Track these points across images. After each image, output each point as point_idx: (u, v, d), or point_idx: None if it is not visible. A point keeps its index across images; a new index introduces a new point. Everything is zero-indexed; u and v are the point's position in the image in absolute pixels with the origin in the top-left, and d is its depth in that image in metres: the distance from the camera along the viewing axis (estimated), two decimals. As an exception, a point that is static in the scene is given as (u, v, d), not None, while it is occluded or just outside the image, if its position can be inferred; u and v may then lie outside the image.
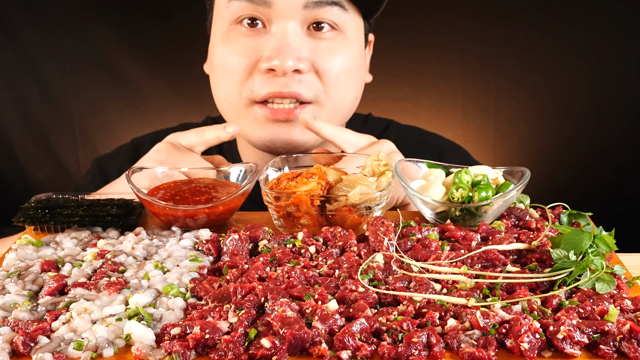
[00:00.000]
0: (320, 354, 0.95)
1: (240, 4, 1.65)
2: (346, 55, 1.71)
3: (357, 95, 1.81)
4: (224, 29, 1.71)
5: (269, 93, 1.65)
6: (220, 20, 1.72)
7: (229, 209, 1.45)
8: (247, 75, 1.68)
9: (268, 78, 1.65)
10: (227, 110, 1.77)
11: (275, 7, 1.62)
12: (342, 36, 1.70)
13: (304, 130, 1.69)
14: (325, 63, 1.68)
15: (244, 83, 1.69)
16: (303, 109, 1.68)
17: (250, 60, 1.67)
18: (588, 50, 2.77)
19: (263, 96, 1.66)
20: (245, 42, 1.68)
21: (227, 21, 1.70)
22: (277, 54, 1.62)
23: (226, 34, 1.70)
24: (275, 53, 1.62)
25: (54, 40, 2.77)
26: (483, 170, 1.44)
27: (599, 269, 1.11)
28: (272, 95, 1.66)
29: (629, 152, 2.83)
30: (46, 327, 1.02)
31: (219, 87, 1.75)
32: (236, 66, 1.68)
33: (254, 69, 1.67)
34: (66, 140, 2.90)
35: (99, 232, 1.42)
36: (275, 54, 1.62)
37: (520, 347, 0.94)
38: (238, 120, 1.75)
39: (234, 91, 1.71)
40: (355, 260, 1.20)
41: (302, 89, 1.66)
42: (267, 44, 1.65)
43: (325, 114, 1.72)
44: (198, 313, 1.05)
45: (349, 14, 1.69)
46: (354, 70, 1.74)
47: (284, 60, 1.60)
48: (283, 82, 1.64)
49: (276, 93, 1.65)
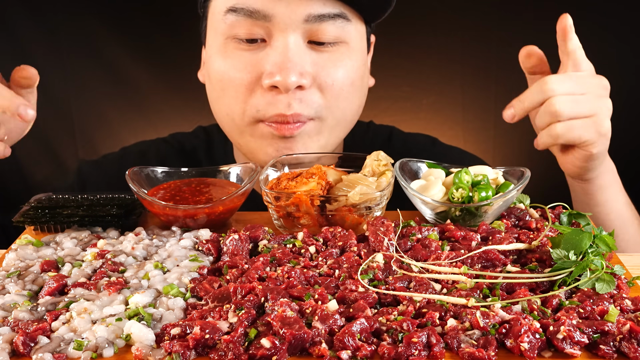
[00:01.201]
0: (320, 354, 0.95)
1: (237, 18, 1.58)
2: (349, 66, 1.65)
3: (360, 105, 1.76)
4: (220, 41, 1.63)
5: (274, 115, 1.60)
6: (216, 31, 1.64)
7: (229, 209, 1.45)
8: (250, 92, 1.62)
9: (272, 97, 1.59)
10: (229, 125, 1.71)
11: (275, 21, 1.56)
12: (345, 46, 1.64)
13: (305, 145, 1.66)
14: (327, 77, 1.62)
15: (246, 100, 1.63)
16: (304, 125, 1.63)
17: (252, 76, 1.61)
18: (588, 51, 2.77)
19: (269, 117, 1.61)
20: (245, 57, 1.61)
21: (223, 34, 1.62)
22: (280, 69, 1.55)
23: (223, 47, 1.63)
24: (277, 69, 1.56)
25: (54, 40, 2.77)
26: (483, 170, 1.44)
27: (599, 269, 1.11)
28: (277, 117, 1.61)
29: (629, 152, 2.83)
30: (46, 327, 1.02)
31: (220, 102, 1.69)
32: (237, 82, 1.62)
33: (256, 85, 1.61)
34: (66, 140, 2.89)
35: (99, 232, 1.42)
36: (277, 70, 1.56)
37: (520, 347, 0.94)
38: (242, 137, 1.70)
39: (237, 109, 1.65)
40: (355, 260, 1.20)
41: (303, 109, 1.60)
42: (267, 58, 1.58)
43: (327, 126, 1.68)
44: (198, 313, 1.05)
45: (352, 24, 1.63)
46: (357, 81, 1.69)
47: (286, 76, 1.54)
48: (286, 102, 1.58)
49: (281, 115, 1.60)
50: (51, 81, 2.84)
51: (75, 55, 2.80)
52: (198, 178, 1.57)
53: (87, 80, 2.85)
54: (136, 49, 2.85)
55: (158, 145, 2.05)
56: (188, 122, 2.72)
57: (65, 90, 2.84)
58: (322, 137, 1.69)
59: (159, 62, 2.88)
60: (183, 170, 1.58)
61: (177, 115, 2.88)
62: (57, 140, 2.90)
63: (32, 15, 2.71)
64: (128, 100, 2.92)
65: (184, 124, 2.66)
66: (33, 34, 2.73)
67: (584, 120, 1.40)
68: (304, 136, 1.65)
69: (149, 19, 2.83)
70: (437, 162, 1.53)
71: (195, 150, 2.01)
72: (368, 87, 1.82)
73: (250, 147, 1.71)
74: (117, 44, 2.82)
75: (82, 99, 2.86)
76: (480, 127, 2.91)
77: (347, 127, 1.78)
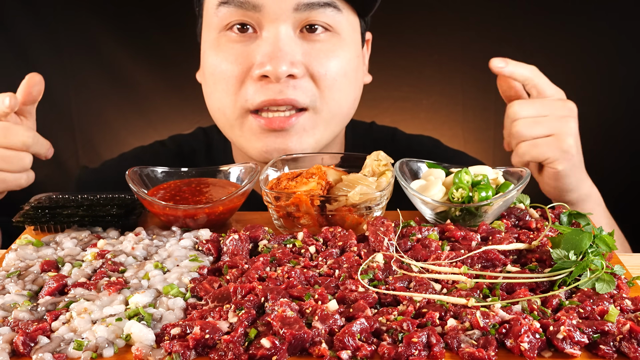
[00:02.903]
0: (320, 354, 0.95)
1: (229, 9, 1.60)
2: (342, 57, 1.65)
3: (355, 98, 1.76)
4: (214, 36, 1.65)
5: (263, 101, 1.59)
6: (210, 27, 1.66)
7: (229, 209, 1.45)
8: (240, 84, 1.62)
9: (261, 85, 1.59)
10: (221, 120, 1.72)
11: (265, 11, 1.57)
12: (337, 37, 1.64)
13: (300, 138, 1.65)
14: (320, 67, 1.62)
15: (237, 92, 1.63)
16: (299, 117, 1.63)
17: (243, 68, 1.61)
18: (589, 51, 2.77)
19: (257, 104, 1.60)
20: (236, 49, 1.62)
21: (216, 28, 1.64)
22: (270, 59, 1.56)
23: (216, 41, 1.65)
24: (268, 58, 1.56)
25: (54, 41, 2.77)
26: (483, 170, 1.44)
27: (599, 269, 1.11)
28: (266, 103, 1.60)
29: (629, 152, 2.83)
30: (46, 327, 1.02)
31: (212, 97, 1.70)
32: (228, 74, 1.62)
33: (247, 77, 1.62)
34: (66, 140, 2.89)
35: (99, 232, 1.42)
36: (268, 60, 1.56)
37: (520, 347, 0.94)
38: (232, 131, 1.70)
39: (227, 101, 1.65)
40: (355, 260, 1.20)
41: (298, 95, 1.60)
42: (258, 49, 1.59)
43: (323, 119, 1.67)
44: (198, 313, 1.05)
45: (342, 14, 1.64)
46: (351, 73, 1.69)
47: (277, 65, 1.55)
48: (277, 89, 1.58)
49: (270, 101, 1.59)
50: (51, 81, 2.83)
51: (74, 55, 2.80)
52: (198, 178, 1.57)
53: (86, 79, 2.85)
54: (137, 49, 2.85)
55: (156, 149, 2.06)
56: (188, 121, 2.73)
57: (65, 89, 2.84)
58: (318, 131, 1.68)
59: (159, 62, 2.88)
60: (183, 170, 1.58)
61: (177, 114, 2.88)
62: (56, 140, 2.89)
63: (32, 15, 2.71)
64: (128, 100, 2.92)
65: (184, 123, 2.67)
66: (33, 34, 2.73)
67: (546, 139, 1.52)
68: (299, 130, 1.64)
69: (149, 19, 2.83)
70: (437, 162, 1.53)
71: (194, 153, 2.02)
72: (364, 83, 1.82)
73: (241, 142, 1.71)
74: (118, 44, 2.82)
75: (82, 98, 2.86)
76: (480, 127, 2.91)
77: (343, 122, 1.77)
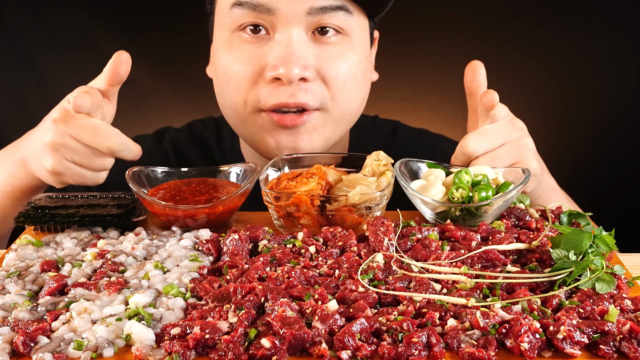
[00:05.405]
0: (320, 354, 0.95)
1: (243, 11, 1.62)
2: (352, 59, 1.68)
3: (363, 98, 1.79)
4: (227, 35, 1.68)
5: (275, 104, 1.63)
6: (222, 26, 1.69)
7: (229, 209, 1.45)
8: (252, 84, 1.65)
9: (274, 88, 1.62)
10: (233, 116, 1.75)
11: (278, 14, 1.59)
12: (348, 40, 1.67)
13: (311, 137, 1.68)
14: (330, 69, 1.65)
15: (249, 92, 1.66)
16: (310, 115, 1.66)
17: (255, 69, 1.64)
18: (589, 51, 2.77)
19: (269, 107, 1.64)
20: (249, 50, 1.65)
21: (229, 28, 1.67)
22: (283, 62, 1.59)
23: (229, 41, 1.68)
24: (281, 61, 1.59)
25: (54, 40, 2.77)
26: (483, 170, 1.44)
27: (599, 269, 1.11)
28: (278, 106, 1.63)
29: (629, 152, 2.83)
30: (46, 327, 1.02)
31: (224, 94, 1.73)
32: (240, 74, 1.65)
33: (259, 78, 1.64)
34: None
35: (99, 232, 1.42)
36: (281, 62, 1.59)
37: (520, 347, 0.94)
38: (244, 127, 1.73)
39: (239, 100, 1.68)
40: (355, 260, 1.20)
41: (309, 99, 1.63)
42: (271, 51, 1.62)
43: (332, 119, 1.70)
44: (198, 313, 1.05)
45: (353, 17, 1.66)
46: (360, 74, 1.72)
47: (289, 69, 1.58)
48: (289, 92, 1.61)
49: (282, 104, 1.62)
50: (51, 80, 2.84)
51: (75, 55, 2.80)
52: (198, 178, 1.57)
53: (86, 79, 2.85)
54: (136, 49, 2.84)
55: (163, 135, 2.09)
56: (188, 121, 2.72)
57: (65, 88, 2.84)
58: (327, 129, 1.71)
59: (159, 62, 2.89)
60: (183, 170, 1.58)
61: (178, 115, 2.88)
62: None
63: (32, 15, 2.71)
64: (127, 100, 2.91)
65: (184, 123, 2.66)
66: (33, 35, 2.73)
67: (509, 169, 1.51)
68: (309, 128, 1.67)
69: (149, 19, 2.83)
70: (437, 162, 1.53)
71: (206, 139, 2.05)
72: (371, 82, 1.84)
73: (253, 138, 1.74)
74: (117, 44, 2.82)
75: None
76: (481, 127, 2.91)
77: (351, 121, 1.80)
